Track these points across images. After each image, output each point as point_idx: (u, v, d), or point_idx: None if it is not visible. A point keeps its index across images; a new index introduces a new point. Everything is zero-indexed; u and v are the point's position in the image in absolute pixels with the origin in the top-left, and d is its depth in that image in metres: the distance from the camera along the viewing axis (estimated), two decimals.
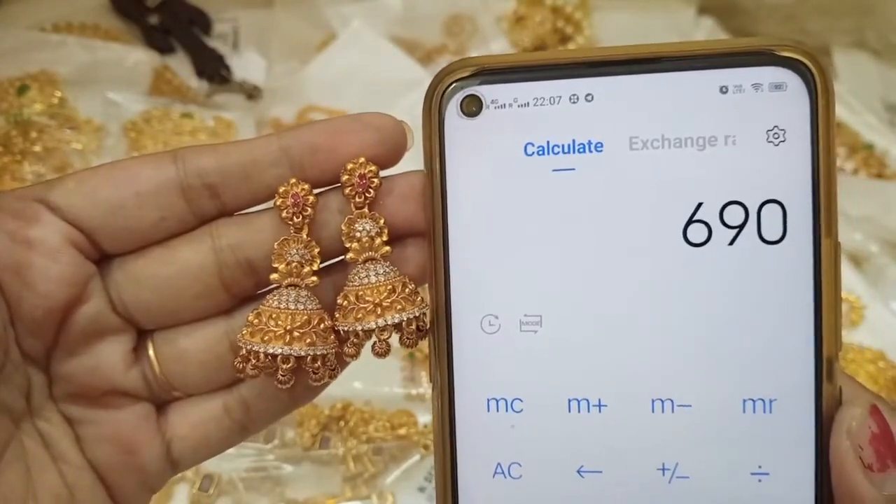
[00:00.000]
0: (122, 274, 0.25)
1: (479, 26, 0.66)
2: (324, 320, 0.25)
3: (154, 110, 0.60)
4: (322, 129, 0.25)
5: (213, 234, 0.25)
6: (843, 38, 0.68)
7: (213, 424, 0.27)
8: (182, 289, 0.25)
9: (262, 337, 0.24)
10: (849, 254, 0.57)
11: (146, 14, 0.67)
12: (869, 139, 0.64)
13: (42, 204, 0.24)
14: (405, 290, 0.25)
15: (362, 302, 0.24)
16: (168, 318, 0.26)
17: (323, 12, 0.66)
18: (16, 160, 0.58)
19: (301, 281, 0.25)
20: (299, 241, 0.25)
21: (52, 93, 0.61)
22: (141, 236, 0.25)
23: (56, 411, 0.25)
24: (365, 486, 0.47)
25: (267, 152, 0.25)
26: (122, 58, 0.63)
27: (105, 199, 0.24)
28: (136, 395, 0.26)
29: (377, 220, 0.25)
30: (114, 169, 0.25)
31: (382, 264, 0.25)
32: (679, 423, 0.24)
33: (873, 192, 0.62)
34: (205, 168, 0.25)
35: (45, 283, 0.24)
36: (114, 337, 0.25)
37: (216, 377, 0.26)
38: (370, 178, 0.24)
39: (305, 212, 0.25)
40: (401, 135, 0.25)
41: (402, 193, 0.25)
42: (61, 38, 0.64)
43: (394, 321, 0.24)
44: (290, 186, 0.25)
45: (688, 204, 0.23)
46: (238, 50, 0.67)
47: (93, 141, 0.59)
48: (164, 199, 0.25)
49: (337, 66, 0.62)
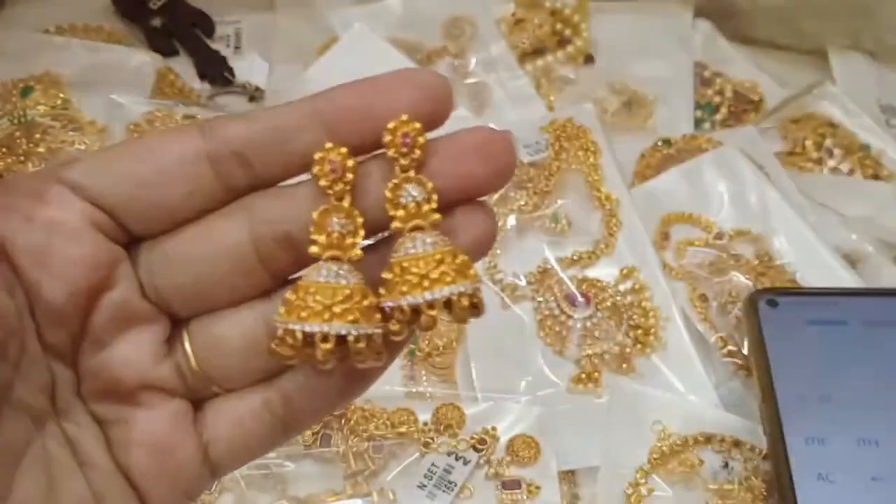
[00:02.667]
0: (153, 256, 0.24)
1: (478, 28, 0.67)
2: (367, 296, 0.22)
3: (157, 112, 0.61)
4: (358, 88, 0.23)
5: (247, 207, 0.23)
6: (840, 40, 0.68)
7: (253, 422, 0.24)
8: (218, 268, 0.23)
9: (300, 314, 0.22)
10: (844, 254, 0.58)
11: (149, 16, 0.67)
12: (865, 140, 0.64)
13: (61, 183, 0.22)
14: (456, 261, 0.22)
15: (407, 274, 0.22)
16: (203, 303, 0.24)
17: (325, 15, 0.66)
18: (20, 161, 0.58)
19: (343, 254, 0.23)
20: (340, 210, 0.23)
21: (55, 94, 0.61)
22: (169, 213, 0.23)
23: (84, 411, 0.24)
24: (366, 483, 0.47)
25: (298, 116, 0.23)
26: (126, 60, 0.64)
27: (128, 174, 0.23)
28: (170, 390, 0.24)
29: (424, 185, 0.22)
30: (136, 144, 0.23)
31: (431, 233, 0.22)
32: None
33: (869, 192, 0.62)
34: (233, 136, 0.23)
35: (67, 266, 0.22)
36: (145, 326, 0.24)
37: (255, 367, 0.24)
38: (414, 136, 0.22)
39: (345, 178, 0.22)
40: (446, 92, 0.23)
41: (451, 154, 0.23)
42: (65, 41, 0.64)
43: (442, 294, 0.22)
44: (327, 152, 0.22)
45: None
46: (240, 52, 0.67)
47: (96, 142, 0.59)
48: (192, 171, 0.23)
49: (338, 68, 0.62)
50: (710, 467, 0.47)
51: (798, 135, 0.64)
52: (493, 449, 0.48)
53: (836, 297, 0.51)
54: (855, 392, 0.46)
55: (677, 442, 0.48)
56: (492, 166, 0.23)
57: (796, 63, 0.69)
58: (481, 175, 0.23)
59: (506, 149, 0.23)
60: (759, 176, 0.59)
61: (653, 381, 0.51)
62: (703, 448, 0.48)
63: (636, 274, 0.55)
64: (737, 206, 0.58)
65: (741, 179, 0.59)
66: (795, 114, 0.65)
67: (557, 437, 0.49)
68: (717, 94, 0.67)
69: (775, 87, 0.68)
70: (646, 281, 0.54)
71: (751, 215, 0.58)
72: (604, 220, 0.57)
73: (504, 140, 0.23)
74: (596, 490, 0.47)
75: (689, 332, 0.53)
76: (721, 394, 0.51)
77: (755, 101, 0.67)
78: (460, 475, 0.47)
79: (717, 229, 0.57)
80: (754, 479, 0.46)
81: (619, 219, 0.57)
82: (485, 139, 0.23)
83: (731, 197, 0.59)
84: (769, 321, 0.49)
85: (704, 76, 0.67)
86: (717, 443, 0.48)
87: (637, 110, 0.65)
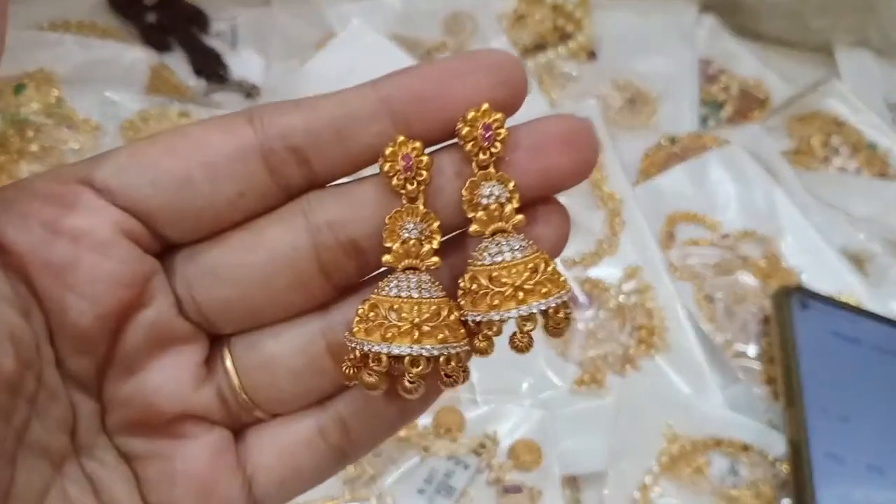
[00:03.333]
0: (193, 267, 0.21)
1: (479, 24, 0.66)
2: (453, 310, 0.20)
3: (151, 109, 0.60)
4: (428, 73, 0.20)
5: (305, 209, 0.21)
6: (846, 37, 0.68)
7: (305, 451, 0.22)
8: (271, 279, 0.20)
9: (383, 334, 0.20)
10: (851, 254, 0.57)
11: (144, 12, 0.67)
12: (871, 139, 0.63)
13: (86, 185, 0.20)
14: (548, 270, 0.20)
15: (497, 285, 0.20)
16: (251, 318, 0.21)
17: (322, 10, 0.65)
18: (13, 160, 0.57)
19: (421, 263, 0.20)
20: (415, 213, 0.20)
21: (49, 91, 0.60)
22: (214, 218, 0.20)
23: (110, 447, 0.21)
24: (364, 488, 0.46)
25: (364, 105, 0.20)
26: (120, 56, 0.63)
27: (166, 173, 0.20)
28: (210, 418, 0.21)
29: (506, 183, 0.20)
30: (174, 136, 0.20)
31: (516, 238, 0.20)
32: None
33: (876, 191, 0.61)
34: (289, 128, 0.20)
35: (94, 284, 0.19)
36: (182, 347, 0.21)
37: (310, 389, 0.22)
38: (496, 128, 0.20)
39: (420, 176, 0.20)
40: (521, 75, 0.20)
41: (532, 146, 0.20)
42: (58, 37, 0.63)
43: (539, 308, 0.20)
44: (398, 146, 0.20)
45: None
46: (236, 48, 0.66)
47: (90, 140, 0.59)
48: (242, 168, 0.20)
49: (336, 64, 0.62)
50: (718, 471, 0.46)
51: (804, 133, 0.63)
52: (493, 453, 0.47)
53: (857, 316, 0.49)
54: (868, 417, 0.45)
55: (686, 446, 0.47)
56: (576, 159, 0.20)
57: (802, 59, 0.69)
58: (566, 169, 0.20)
59: (590, 139, 0.20)
60: (766, 175, 0.58)
61: (658, 383, 0.50)
62: (711, 452, 0.47)
63: (640, 274, 0.54)
64: (743, 206, 0.58)
65: (747, 178, 0.58)
66: (801, 111, 0.64)
67: (560, 442, 0.48)
68: (723, 91, 0.66)
69: (781, 83, 0.67)
70: (650, 281, 0.53)
71: (757, 215, 0.57)
72: (607, 219, 0.56)
73: (588, 129, 0.20)
74: (599, 495, 0.47)
75: (695, 333, 0.52)
76: (727, 396, 0.50)
77: (761, 98, 0.66)
78: (461, 480, 0.46)
79: (723, 229, 0.56)
80: (762, 485, 0.45)
81: (623, 218, 0.56)
82: (569, 128, 0.20)
83: (737, 196, 0.58)
84: (801, 322, 0.47)
85: (709, 73, 0.66)
86: (726, 447, 0.47)
87: (641, 107, 0.64)
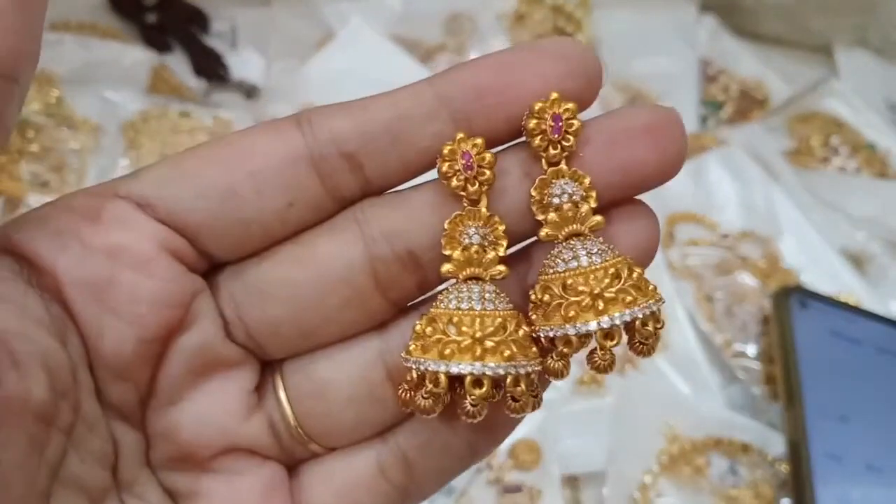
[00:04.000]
0: (240, 285, 0.19)
1: (478, 25, 0.66)
2: (521, 324, 0.18)
3: (152, 109, 0.60)
4: (488, 65, 0.18)
5: (359, 219, 0.19)
6: (846, 37, 0.68)
7: (364, 490, 0.20)
8: (324, 296, 0.19)
9: (441, 350, 0.17)
10: (851, 254, 0.57)
11: (144, 12, 0.67)
12: (871, 139, 0.63)
13: (127, 200, 0.18)
14: (633, 276, 0.18)
15: (573, 293, 0.17)
16: (303, 341, 0.19)
17: (322, 10, 0.66)
18: (13, 160, 0.57)
19: (484, 272, 0.18)
20: (477, 216, 0.18)
21: (49, 92, 0.60)
22: (263, 232, 0.19)
23: (155, 483, 0.19)
24: None
25: (419, 104, 0.18)
26: (120, 56, 0.63)
27: (211, 185, 0.18)
28: (261, 452, 0.20)
29: (581, 180, 0.18)
30: (219, 146, 0.19)
31: (594, 241, 0.18)
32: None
33: (875, 191, 0.61)
34: (340, 132, 0.18)
35: (134, 305, 0.17)
36: (229, 373, 0.19)
37: (369, 420, 0.20)
38: (567, 119, 0.18)
39: (482, 176, 0.18)
40: (595, 64, 0.18)
41: (611, 139, 0.18)
42: (59, 37, 0.63)
43: (623, 319, 0.17)
44: (458, 144, 0.18)
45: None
46: (236, 48, 0.66)
47: (90, 140, 0.59)
48: (291, 177, 0.18)
49: (336, 64, 0.62)
50: (718, 471, 0.46)
51: (804, 133, 0.63)
52: (493, 453, 0.47)
53: (857, 316, 0.49)
54: (867, 417, 0.45)
55: (686, 446, 0.47)
56: (661, 153, 0.18)
57: (802, 59, 0.69)
58: (651, 164, 0.18)
59: (677, 131, 0.18)
60: (765, 175, 0.58)
61: (657, 383, 0.50)
62: (711, 452, 0.47)
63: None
64: (743, 206, 0.58)
65: (747, 178, 0.58)
66: (801, 111, 0.64)
67: (560, 441, 0.48)
68: (722, 92, 0.66)
69: (780, 83, 0.67)
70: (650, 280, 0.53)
71: (757, 215, 0.57)
72: None
73: (674, 119, 0.18)
74: (599, 494, 0.46)
75: (695, 333, 0.52)
76: (727, 396, 0.50)
77: (760, 98, 0.66)
78: (460, 480, 0.46)
79: (723, 229, 0.56)
80: (762, 485, 0.45)
81: None
82: (654, 119, 0.18)
83: (736, 196, 0.58)
84: (801, 322, 0.47)
85: (709, 73, 0.66)
86: (726, 447, 0.47)
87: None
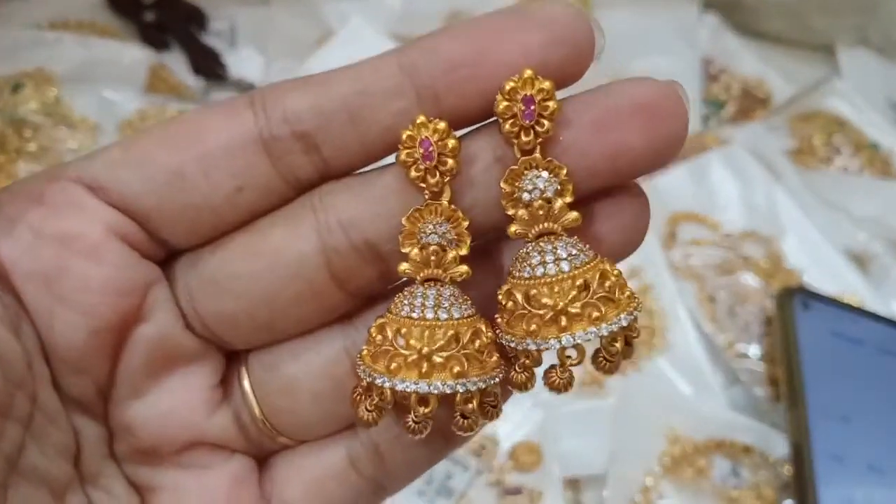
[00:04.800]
0: (195, 277, 0.18)
1: None
2: (479, 335, 0.16)
3: (150, 108, 0.59)
4: (464, 33, 0.17)
5: (315, 206, 0.18)
6: (848, 36, 0.67)
7: (335, 483, 0.19)
8: (278, 291, 0.18)
9: (388, 365, 0.16)
10: (853, 254, 0.56)
11: (142, 11, 0.66)
12: (873, 138, 0.63)
13: (79, 183, 0.17)
14: (604, 285, 0.16)
15: (536, 305, 0.16)
16: (265, 334, 0.19)
17: (321, 9, 0.65)
18: (10, 159, 0.57)
19: (444, 273, 0.17)
20: (437, 211, 0.17)
21: (47, 91, 0.60)
22: (215, 217, 0.17)
23: (120, 476, 0.19)
24: None
25: (382, 77, 0.17)
26: (118, 55, 0.62)
27: (160, 168, 0.17)
28: (228, 446, 0.19)
29: (556, 171, 0.16)
30: (171, 127, 0.18)
31: (568, 242, 0.16)
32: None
33: (878, 191, 0.61)
34: (294, 110, 0.17)
35: (85, 294, 0.17)
36: (191, 366, 0.18)
37: (337, 414, 0.19)
38: (542, 100, 0.15)
39: (443, 165, 0.16)
40: (585, 29, 0.16)
41: (595, 120, 0.16)
42: (57, 36, 0.63)
43: (584, 339, 0.16)
44: (417, 129, 0.16)
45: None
46: (235, 47, 0.66)
47: (88, 139, 0.58)
48: (240, 160, 0.17)
49: (335, 63, 0.60)
50: (720, 473, 0.46)
51: (806, 132, 0.63)
52: (494, 455, 0.47)
53: (859, 317, 0.49)
54: (869, 417, 0.45)
55: (687, 447, 0.46)
56: (656, 134, 0.15)
57: (803, 58, 0.68)
58: (641, 148, 0.16)
59: (677, 108, 0.15)
60: (767, 174, 0.58)
61: (659, 384, 0.50)
62: (713, 454, 0.47)
63: (641, 274, 0.53)
64: (745, 206, 0.57)
65: (749, 178, 0.58)
66: (803, 111, 0.64)
67: (560, 443, 0.47)
68: (724, 91, 0.65)
69: (782, 82, 0.66)
70: (651, 281, 0.53)
71: (759, 215, 0.57)
72: None
73: (674, 95, 0.15)
74: (600, 496, 0.46)
75: (697, 333, 0.52)
76: (729, 397, 0.50)
77: (762, 97, 0.66)
78: (461, 481, 0.46)
79: (725, 229, 0.56)
80: (764, 487, 0.45)
81: None
82: (650, 94, 0.15)
83: (738, 196, 0.58)
84: (803, 323, 0.47)
85: (711, 72, 0.66)
86: (728, 448, 0.47)
87: None
